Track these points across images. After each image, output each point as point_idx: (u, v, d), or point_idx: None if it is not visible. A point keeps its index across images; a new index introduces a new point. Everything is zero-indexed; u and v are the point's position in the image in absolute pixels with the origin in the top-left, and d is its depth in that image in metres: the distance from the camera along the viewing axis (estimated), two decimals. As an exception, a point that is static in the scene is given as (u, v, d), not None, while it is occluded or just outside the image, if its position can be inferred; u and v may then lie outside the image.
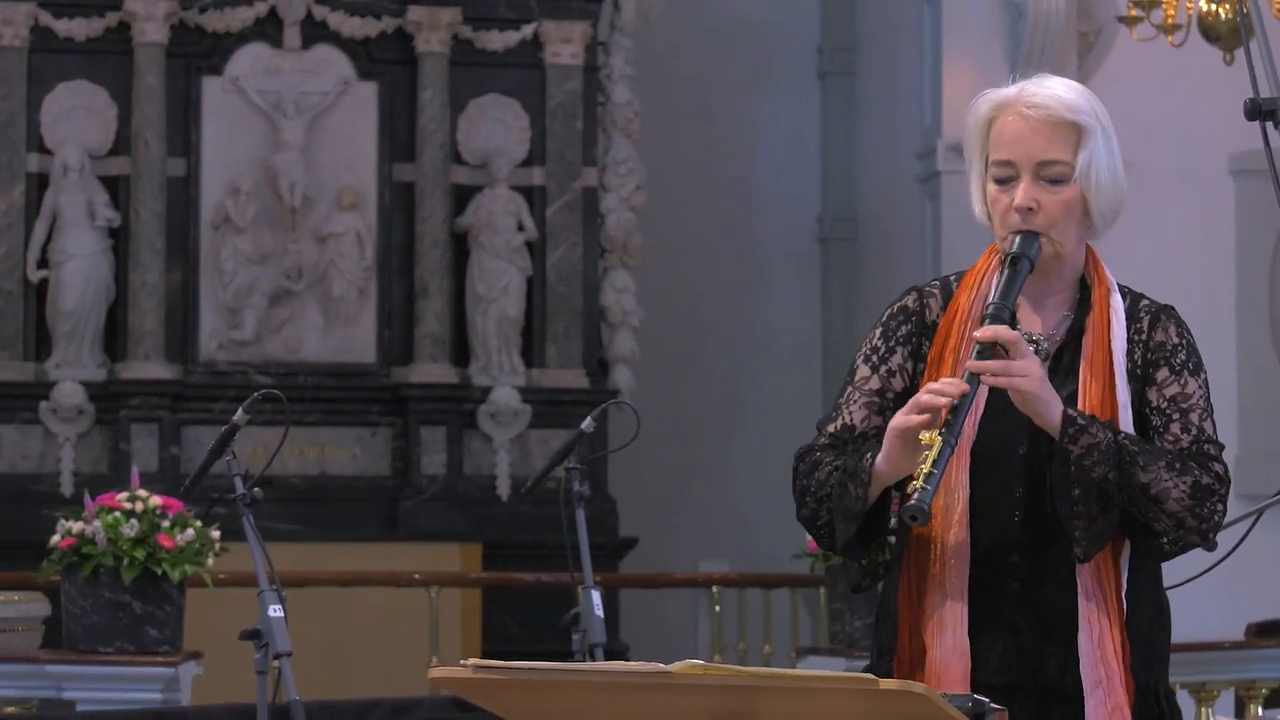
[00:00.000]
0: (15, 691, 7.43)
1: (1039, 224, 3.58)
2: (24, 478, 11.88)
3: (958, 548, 3.55)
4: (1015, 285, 3.55)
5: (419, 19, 12.25)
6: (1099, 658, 3.51)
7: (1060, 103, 3.59)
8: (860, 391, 3.67)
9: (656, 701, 3.25)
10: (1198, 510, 3.53)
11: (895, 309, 3.71)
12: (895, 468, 3.48)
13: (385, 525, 12.11)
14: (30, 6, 11.98)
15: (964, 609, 3.54)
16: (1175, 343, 3.68)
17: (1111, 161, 3.63)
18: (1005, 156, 3.60)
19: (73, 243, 11.97)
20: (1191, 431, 3.61)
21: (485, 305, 12.29)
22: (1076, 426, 3.48)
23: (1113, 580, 3.54)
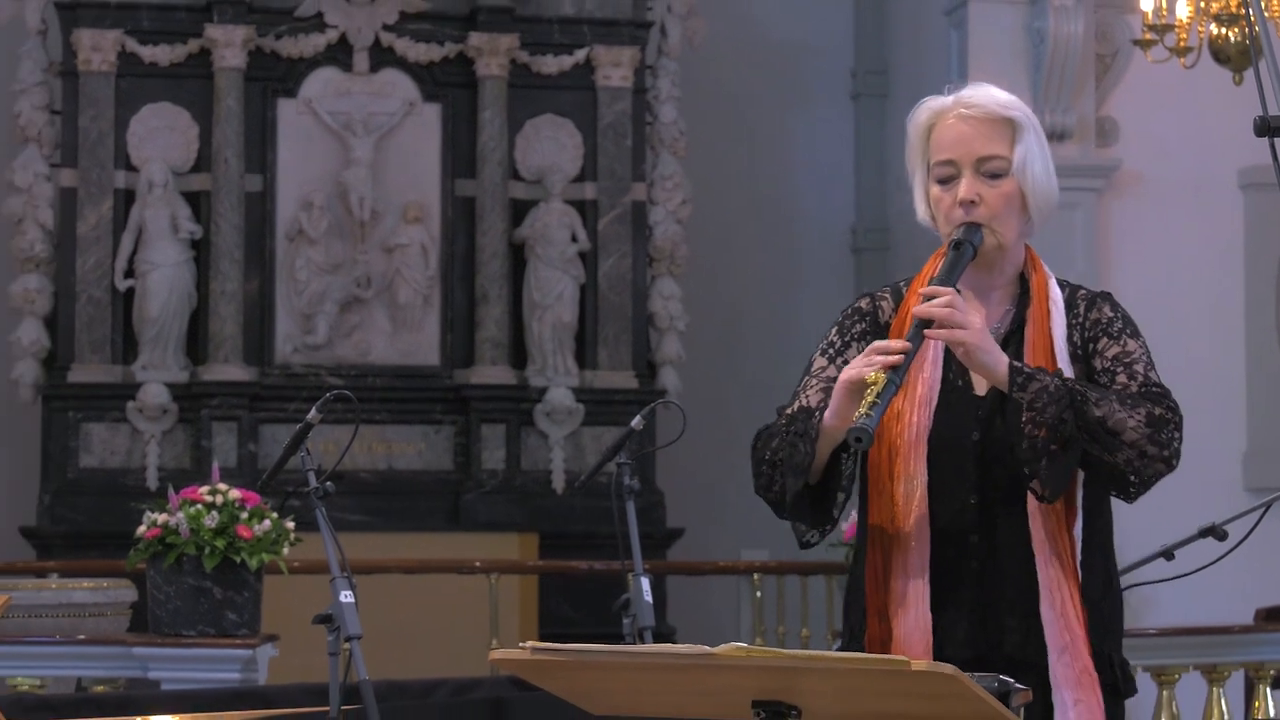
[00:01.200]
0: (105, 672, 7.46)
1: (981, 216, 3.60)
2: (112, 472, 11.92)
3: (918, 532, 3.55)
4: (958, 267, 3.56)
5: (479, 44, 12.26)
6: (1063, 625, 3.51)
7: (995, 102, 3.63)
8: (817, 379, 3.69)
9: (702, 681, 3.25)
10: (1156, 437, 3.51)
11: (850, 310, 3.75)
12: (843, 420, 3.46)
13: (448, 517, 12.11)
14: (118, 34, 12.02)
15: (926, 587, 3.54)
16: (1110, 316, 3.68)
17: (1044, 160, 3.66)
18: (947, 156, 3.62)
19: (157, 254, 12.00)
20: (1138, 379, 3.60)
21: (541, 311, 12.29)
22: (1024, 375, 3.49)
23: (1068, 550, 3.54)
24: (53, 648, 7.44)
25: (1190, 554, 5.75)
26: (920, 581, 3.54)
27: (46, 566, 10.76)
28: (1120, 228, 11.37)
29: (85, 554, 11.05)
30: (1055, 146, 11.16)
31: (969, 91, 3.65)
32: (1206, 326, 11.31)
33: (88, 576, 9.07)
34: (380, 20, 12.27)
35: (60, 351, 12.06)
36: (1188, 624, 8.40)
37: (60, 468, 11.92)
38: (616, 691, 3.44)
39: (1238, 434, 11.28)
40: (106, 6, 12.07)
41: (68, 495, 11.84)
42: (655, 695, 3.43)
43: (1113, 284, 11.26)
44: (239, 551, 7.20)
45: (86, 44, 12.01)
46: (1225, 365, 11.30)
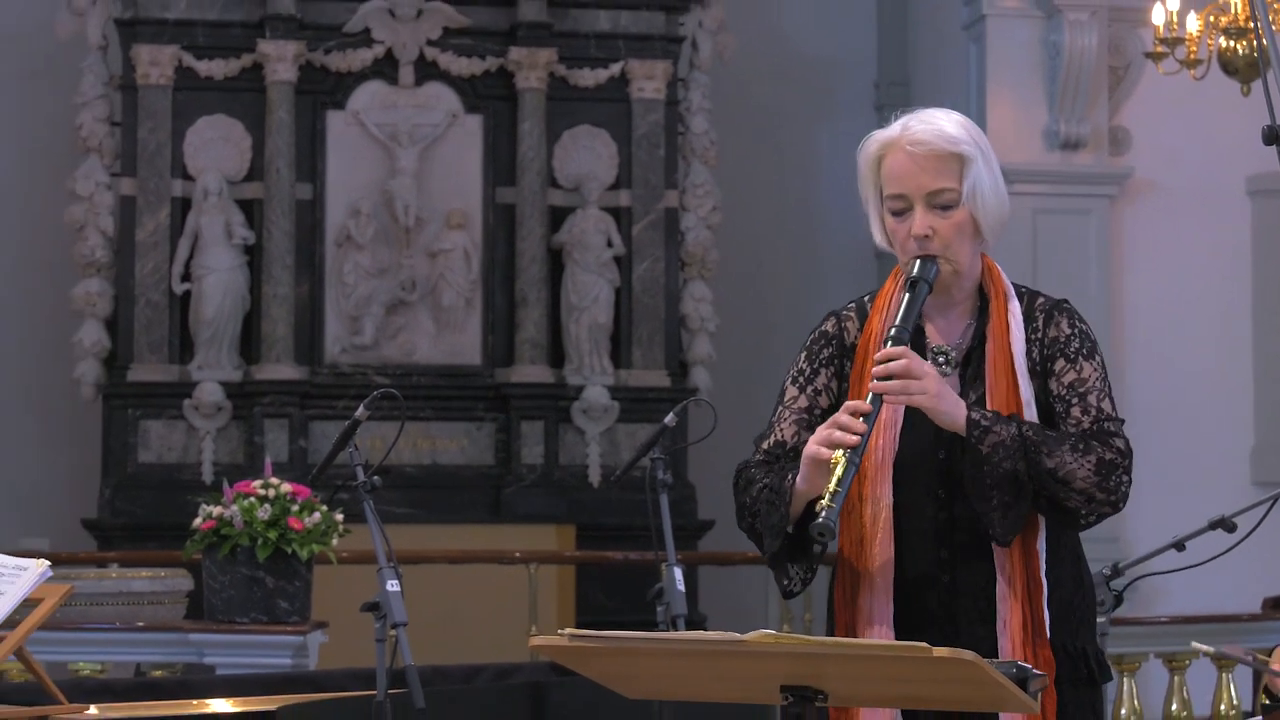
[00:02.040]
0: (162, 657, 7.47)
1: (935, 248, 3.57)
2: (170, 467, 11.95)
3: (883, 552, 3.55)
4: (914, 308, 3.54)
5: (519, 59, 12.27)
6: (1007, 635, 3.50)
7: (941, 137, 3.58)
8: (790, 410, 3.69)
9: (733, 667, 3.24)
10: (1104, 485, 3.50)
11: (817, 334, 3.74)
12: (811, 486, 3.48)
13: (489, 509, 12.12)
14: (175, 49, 12.05)
15: (889, 608, 3.55)
16: (1068, 334, 3.64)
17: (993, 181, 3.62)
18: (898, 191, 3.60)
19: (212, 259, 12.03)
20: (1090, 413, 3.58)
21: (578, 313, 12.30)
22: (980, 428, 3.47)
23: (1023, 566, 3.52)
24: (113, 634, 7.46)
25: (1200, 545, 5.74)
26: (884, 599, 3.55)
27: (107, 557, 10.78)
28: (1132, 233, 11.35)
29: (144, 545, 11.07)
30: (1070, 155, 11.25)
31: (916, 123, 3.60)
32: (1215, 328, 11.27)
33: (146, 566, 9.09)
34: (424, 35, 12.28)
35: (120, 352, 12.10)
36: (1198, 612, 8.38)
37: (120, 463, 11.95)
38: (651, 676, 3.44)
39: (1246, 430, 11.25)
40: (164, 23, 12.10)
41: (127, 489, 11.88)
42: (688, 680, 3.43)
43: (1125, 287, 11.30)
44: (290, 542, 7.21)
45: (145, 59, 12.04)
46: (1234, 365, 11.27)
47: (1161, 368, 11.05)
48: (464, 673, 5.40)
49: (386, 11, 12.24)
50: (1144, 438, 4.07)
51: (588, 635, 3.27)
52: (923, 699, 3.38)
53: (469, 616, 10.65)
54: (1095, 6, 11.21)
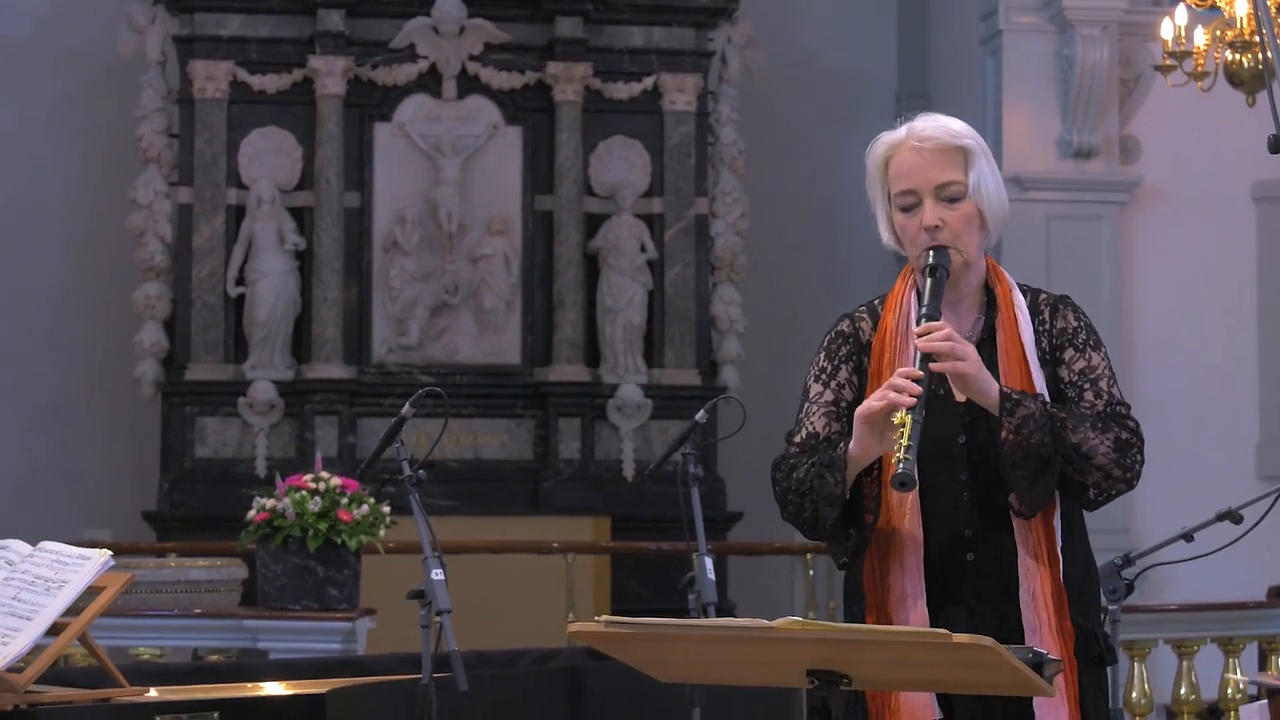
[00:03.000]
0: (218, 642, 7.48)
1: (946, 238, 3.58)
2: (225, 462, 11.98)
3: (912, 533, 3.55)
4: (939, 291, 3.55)
5: (556, 73, 12.28)
6: (1034, 608, 3.51)
7: (946, 132, 3.60)
8: (817, 405, 3.69)
9: (761, 652, 3.24)
10: (1122, 461, 3.52)
11: (833, 334, 3.74)
12: (865, 450, 3.48)
13: (528, 502, 12.13)
14: (230, 65, 12.09)
15: (922, 584, 3.53)
16: (1075, 325, 3.66)
17: (995, 179, 3.64)
18: (907, 186, 3.61)
19: (265, 264, 12.06)
20: (1103, 397, 3.60)
21: (613, 315, 12.30)
22: (1012, 401, 3.48)
23: (1045, 541, 3.53)
24: (171, 620, 7.48)
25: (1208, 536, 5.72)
26: (916, 580, 3.54)
27: (166, 547, 10.82)
28: (1142, 238, 11.31)
29: (200, 536, 11.11)
30: (1082, 164, 11.22)
31: (921, 123, 3.62)
32: (1222, 328, 11.23)
33: (203, 556, 9.11)
34: (467, 51, 12.30)
35: (178, 352, 12.13)
36: (1206, 600, 8.34)
37: (178, 458, 11.99)
38: (683, 661, 3.44)
39: (1251, 426, 11.21)
40: (219, 40, 12.13)
41: (185, 483, 11.91)
42: (718, 664, 3.43)
43: (1135, 290, 11.26)
44: (340, 533, 7.21)
45: (201, 74, 12.07)
46: (1239, 363, 11.23)
47: (1170, 366, 11.01)
48: (505, 657, 5.40)
49: (430, 28, 12.26)
50: (1153, 434, 4.05)
51: (623, 622, 3.27)
52: (943, 683, 3.38)
53: (509, 604, 10.66)
54: (1106, 22, 11.18)
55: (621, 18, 12.48)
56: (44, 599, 3.97)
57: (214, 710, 3.95)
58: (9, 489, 12.58)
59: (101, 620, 4.11)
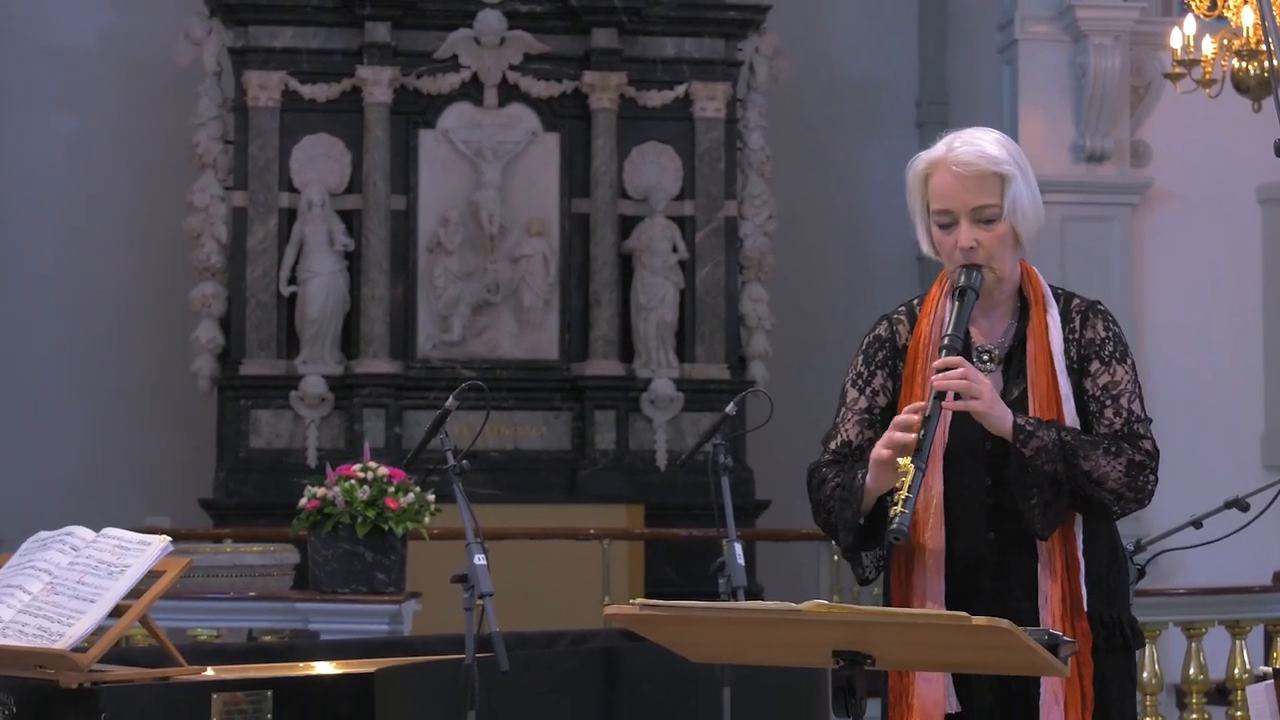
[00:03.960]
0: (271, 624, 7.49)
1: (979, 258, 3.56)
2: (278, 452, 12.00)
3: (934, 535, 3.54)
4: (964, 315, 3.54)
5: (592, 82, 12.27)
6: (1047, 610, 3.49)
7: (984, 158, 3.56)
8: (852, 412, 3.68)
9: (788, 633, 3.24)
10: (1133, 485, 3.51)
11: (871, 338, 3.72)
12: (880, 485, 3.49)
13: (566, 490, 12.13)
14: (282, 75, 12.11)
15: (941, 584, 3.53)
16: (1104, 337, 3.63)
17: (1031, 194, 3.61)
18: (944, 206, 3.59)
19: (316, 264, 12.07)
20: (1122, 414, 3.57)
21: (646, 313, 12.29)
22: (1025, 433, 3.47)
23: (1062, 549, 3.51)
24: (227, 603, 7.49)
25: (1216, 523, 5.71)
26: (937, 578, 3.54)
27: (222, 533, 10.84)
28: (1152, 238, 11.27)
29: (255, 523, 11.13)
30: (1095, 167, 11.18)
31: (960, 145, 3.59)
32: (1228, 324, 11.19)
33: (257, 542, 9.13)
34: (507, 61, 12.30)
35: (233, 348, 12.16)
36: (1213, 585, 8.31)
37: (233, 448, 12.01)
38: (713, 642, 3.44)
39: (1256, 418, 11.16)
40: (272, 51, 12.16)
41: (239, 472, 11.94)
42: (747, 645, 3.43)
43: (1145, 288, 11.22)
44: (387, 520, 7.22)
45: (255, 83, 12.09)
46: (1245, 358, 11.19)
47: (1179, 361, 10.97)
48: (544, 638, 5.40)
49: (473, 39, 12.27)
50: (1163, 426, 4.03)
51: (657, 605, 3.27)
52: (963, 664, 3.37)
53: (548, 588, 10.66)
54: (1118, 31, 11.15)
55: (655, 29, 12.47)
56: (107, 582, 3.99)
57: (268, 688, 3.95)
58: (74, 478, 12.62)
59: (161, 603, 4.12)
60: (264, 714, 3.92)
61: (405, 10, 12.20)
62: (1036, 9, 11.34)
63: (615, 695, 4.95)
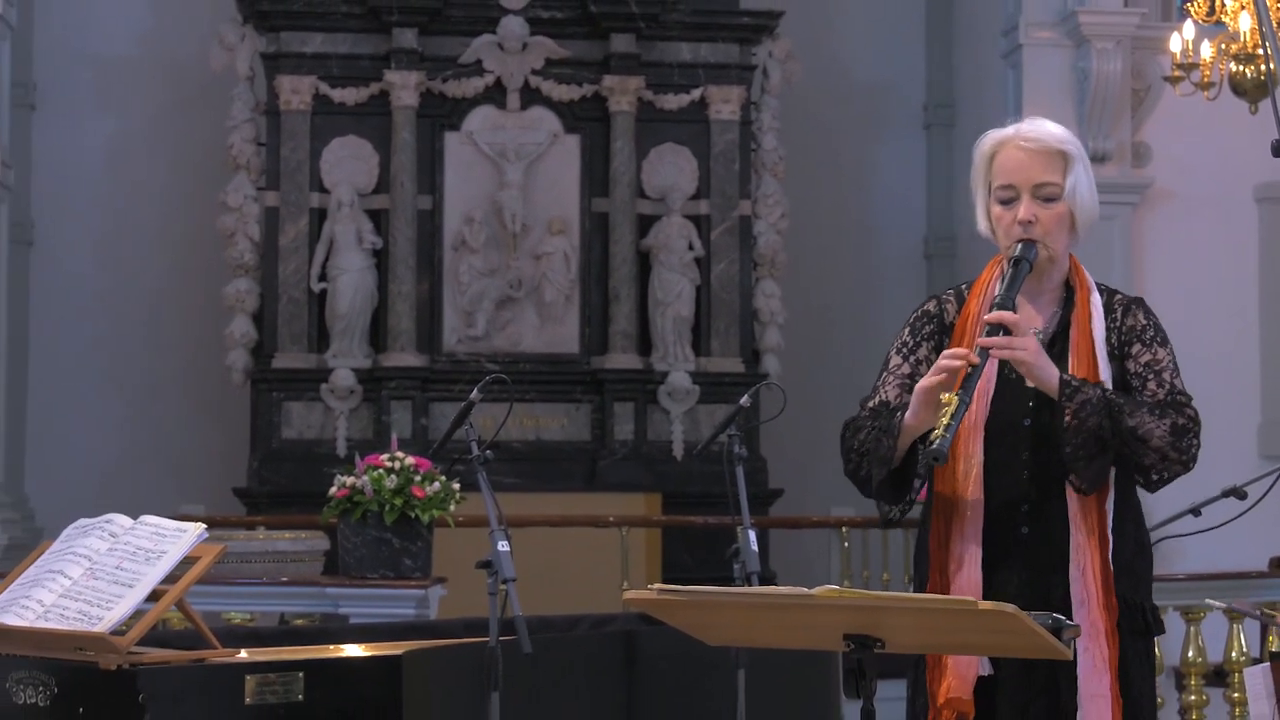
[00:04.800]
0: (303, 608, 7.49)
1: (1037, 233, 3.56)
2: (309, 443, 12.02)
3: (973, 503, 3.53)
4: (1017, 281, 3.54)
5: (612, 85, 12.27)
6: (1083, 583, 3.48)
7: (1051, 136, 3.58)
8: (894, 375, 3.67)
9: (801, 617, 3.23)
10: (1178, 444, 3.49)
11: (920, 312, 3.72)
12: (920, 421, 3.47)
13: (586, 479, 12.13)
14: (313, 79, 12.12)
15: (978, 551, 3.52)
16: (1144, 324, 3.65)
17: (1090, 184, 3.63)
18: (1007, 181, 3.59)
19: (345, 261, 12.08)
20: (1165, 387, 3.58)
21: (664, 308, 12.29)
22: (1071, 387, 3.46)
23: (1097, 522, 3.50)
24: (260, 588, 7.49)
25: (1215, 511, 5.69)
26: (974, 546, 3.52)
27: (255, 521, 10.84)
28: (1152, 236, 11.25)
29: (286, 510, 11.14)
30: (1096, 168, 10.99)
31: (1027, 125, 3.61)
32: (1226, 319, 11.16)
33: (288, 529, 9.12)
34: (529, 66, 12.30)
35: (265, 342, 12.17)
36: (1212, 570, 8.30)
37: (266, 439, 12.03)
38: (728, 626, 3.44)
39: (1253, 409, 11.13)
40: (303, 56, 12.16)
41: (272, 462, 11.95)
42: (761, 629, 3.42)
43: (1146, 284, 11.19)
44: (414, 508, 7.22)
45: (287, 88, 12.10)
46: (1242, 351, 11.16)
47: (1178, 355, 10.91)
48: (565, 622, 5.40)
49: (496, 45, 12.27)
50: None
51: (674, 590, 3.27)
52: (969, 646, 3.36)
53: (569, 573, 10.67)
54: (1120, 36, 11.12)
55: (671, 34, 12.46)
56: (144, 568, 3.99)
57: (299, 670, 3.96)
58: (113, 468, 12.65)
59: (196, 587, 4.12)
60: (295, 695, 3.92)
61: (431, 17, 12.20)
62: (1040, 15, 11.31)
63: (634, 677, 4.95)
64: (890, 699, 3.63)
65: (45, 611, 3.96)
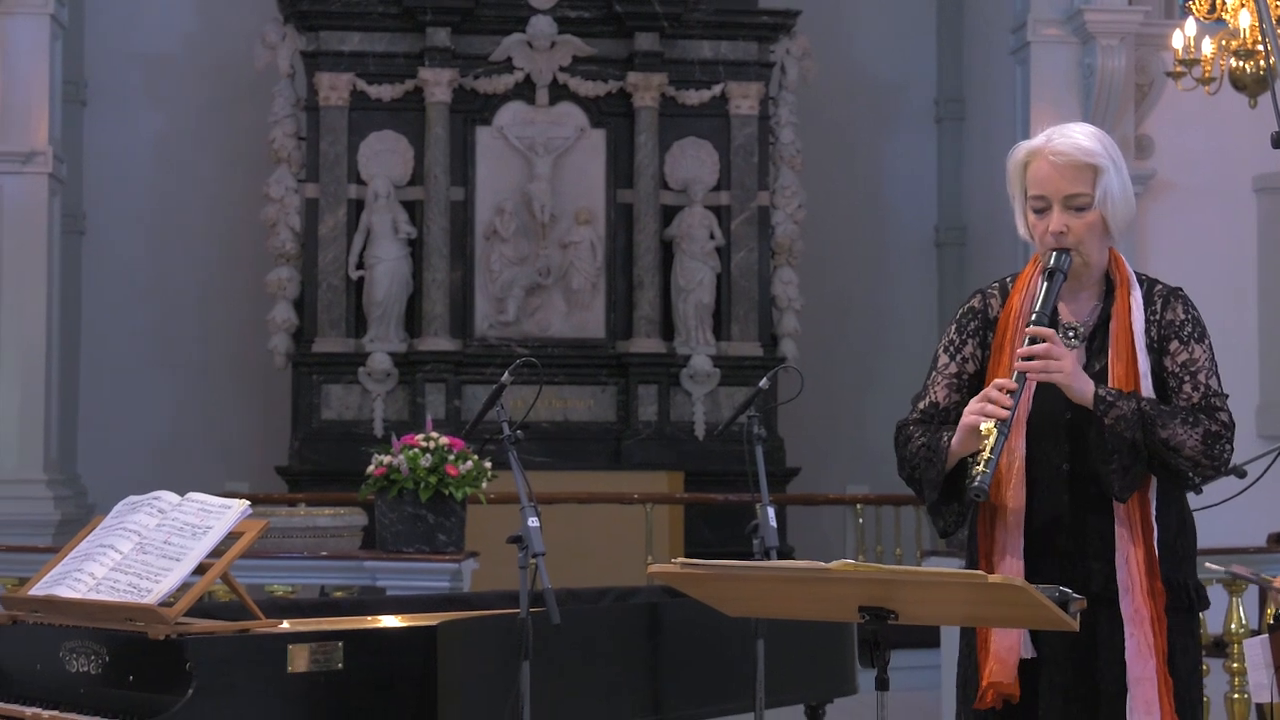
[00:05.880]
0: (342, 580, 7.50)
1: (1069, 242, 3.54)
2: (347, 423, 12.04)
3: (1015, 494, 3.50)
4: (1052, 294, 3.51)
5: (636, 82, 12.26)
6: (1126, 571, 3.45)
7: (1079, 149, 3.53)
8: (942, 375, 3.65)
9: (818, 590, 3.23)
10: (1209, 453, 3.46)
11: (966, 309, 3.69)
12: (964, 448, 3.46)
13: (612, 458, 12.14)
14: (351, 76, 12.12)
15: (1020, 540, 3.50)
16: (1183, 319, 3.60)
17: (1122, 186, 3.58)
18: (1039, 192, 3.56)
19: (382, 250, 12.09)
20: (1200, 389, 3.53)
21: (686, 295, 12.28)
22: (1106, 403, 3.43)
23: (1140, 512, 3.47)
24: (301, 561, 7.50)
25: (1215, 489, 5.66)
26: (1017, 536, 3.49)
27: (296, 498, 10.89)
28: (1156, 225, 11.21)
29: (326, 488, 11.17)
30: (1101, 159, 11.10)
31: (1058, 136, 3.56)
32: (1226, 305, 11.11)
33: (328, 506, 9.16)
34: (557, 63, 12.29)
35: (306, 328, 12.20)
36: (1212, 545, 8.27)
37: (306, 420, 12.06)
38: (748, 597, 3.44)
39: (1252, 390, 11.09)
40: (341, 54, 12.17)
41: (312, 442, 11.98)
42: (779, 601, 3.42)
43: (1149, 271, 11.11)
44: (448, 486, 7.22)
45: (325, 84, 12.11)
46: (1241, 335, 11.11)
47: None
48: (592, 594, 5.40)
49: (526, 43, 12.26)
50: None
51: (696, 564, 3.27)
52: (980, 618, 3.35)
53: (595, 548, 10.69)
54: (1124, 34, 11.07)
55: (693, 33, 12.45)
56: (191, 542, 4.00)
57: (338, 640, 3.96)
58: (161, 447, 12.69)
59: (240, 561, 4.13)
60: (335, 663, 3.93)
61: (463, 16, 12.20)
62: (1047, 13, 11.27)
63: (657, 646, 4.95)
64: (903, 668, 3.62)
65: (97, 584, 3.97)
